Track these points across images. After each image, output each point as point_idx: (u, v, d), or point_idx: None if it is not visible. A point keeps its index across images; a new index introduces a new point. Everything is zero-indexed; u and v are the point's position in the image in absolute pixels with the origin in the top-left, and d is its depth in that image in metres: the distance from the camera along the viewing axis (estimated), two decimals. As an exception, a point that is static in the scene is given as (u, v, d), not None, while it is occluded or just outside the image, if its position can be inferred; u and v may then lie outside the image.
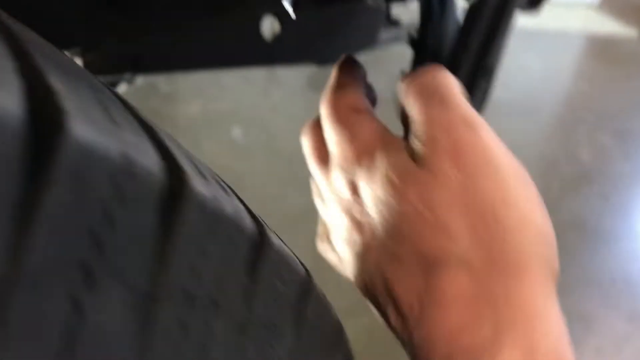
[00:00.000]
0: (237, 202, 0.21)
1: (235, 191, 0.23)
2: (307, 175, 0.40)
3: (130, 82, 0.92)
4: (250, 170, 1.76)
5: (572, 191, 1.94)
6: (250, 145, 1.88)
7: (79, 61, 0.60)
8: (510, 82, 2.51)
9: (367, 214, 0.32)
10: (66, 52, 0.56)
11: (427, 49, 0.45)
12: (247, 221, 0.20)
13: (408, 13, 0.80)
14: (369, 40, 0.63)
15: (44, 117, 0.14)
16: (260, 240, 0.20)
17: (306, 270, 0.26)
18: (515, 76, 2.59)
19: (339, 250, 0.35)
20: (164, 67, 0.76)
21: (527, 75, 2.67)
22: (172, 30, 0.60)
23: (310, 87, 2.17)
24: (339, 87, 0.38)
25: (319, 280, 0.28)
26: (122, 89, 1.04)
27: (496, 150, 0.31)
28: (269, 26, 0.54)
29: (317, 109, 0.39)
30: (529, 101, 2.46)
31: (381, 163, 0.32)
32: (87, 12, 0.50)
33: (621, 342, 1.38)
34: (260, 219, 0.22)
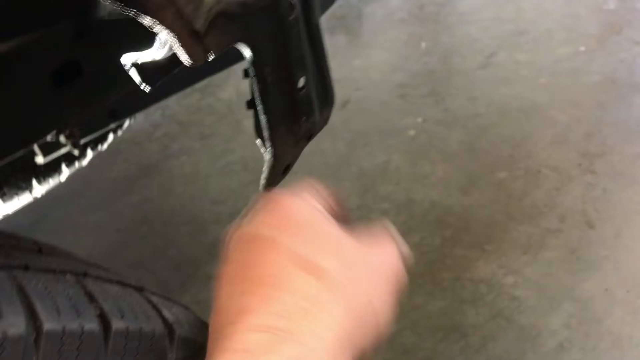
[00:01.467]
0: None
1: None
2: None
3: (115, 132, 1.05)
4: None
5: (601, 49, 1.91)
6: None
7: (62, 138, 0.71)
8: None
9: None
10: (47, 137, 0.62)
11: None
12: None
13: None
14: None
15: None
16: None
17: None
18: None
19: None
20: (140, 108, 0.85)
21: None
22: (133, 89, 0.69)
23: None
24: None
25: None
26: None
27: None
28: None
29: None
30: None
31: None
32: (43, 103, 0.52)
33: None
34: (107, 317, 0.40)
